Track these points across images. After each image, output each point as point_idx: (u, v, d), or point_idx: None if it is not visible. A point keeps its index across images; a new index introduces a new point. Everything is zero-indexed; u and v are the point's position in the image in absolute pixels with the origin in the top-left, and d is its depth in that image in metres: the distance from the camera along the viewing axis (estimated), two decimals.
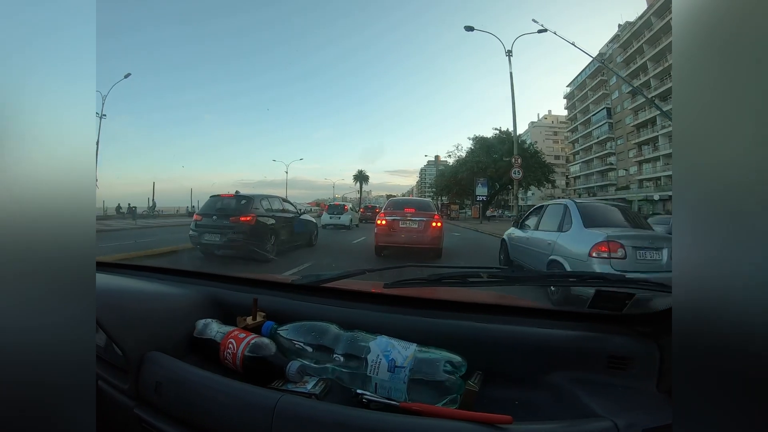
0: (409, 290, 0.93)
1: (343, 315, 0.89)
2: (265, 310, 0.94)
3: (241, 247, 6.78)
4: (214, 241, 6.99)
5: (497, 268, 0.99)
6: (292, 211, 8.84)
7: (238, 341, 0.80)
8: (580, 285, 0.91)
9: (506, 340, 0.80)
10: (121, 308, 0.81)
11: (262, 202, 7.75)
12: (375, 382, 0.71)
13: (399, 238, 7.00)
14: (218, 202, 7.67)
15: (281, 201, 8.74)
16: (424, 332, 0.81)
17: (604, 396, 0.69)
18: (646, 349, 0.75)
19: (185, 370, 0.75)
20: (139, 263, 1.33)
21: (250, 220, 7.15)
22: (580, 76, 55.79)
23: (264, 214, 7.56)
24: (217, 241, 6.97)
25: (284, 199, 9.15)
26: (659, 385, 0.72)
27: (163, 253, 7.44)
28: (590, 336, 0.80)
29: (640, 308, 0.80)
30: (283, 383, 0.74)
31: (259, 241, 7.11)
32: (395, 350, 0.72)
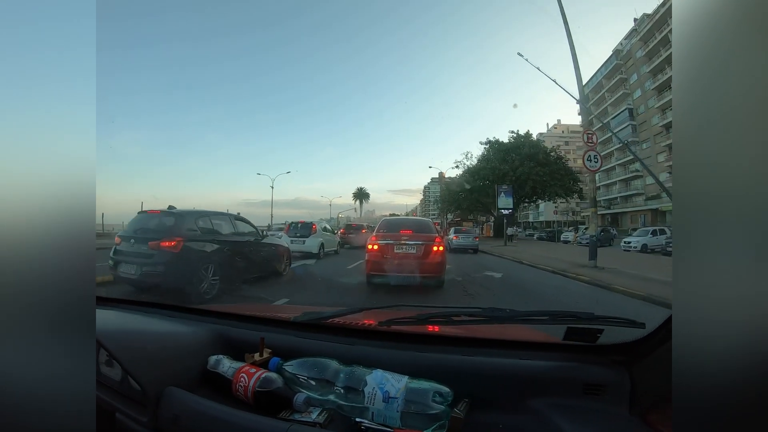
0: (402, 327, 1.03)
1: (342, 351, 0.99)
2: (270, 346, 1.06)
3: (162, 282, 5.11)
4: (129, 274, 5.30)
5: (478, 308, 1.07)
6: (247, 233, 7.08)
7: (250, 375, 0.91)
8: (552, 323, 0.98)
9: (490, 370, 0.91)
10: (137, 347, 0.92)
11: (198, 222, 5.99)
12: (372, 411, 0.82)
13: (393, 266, 6.04)
14: (140, 221, 5.90)
15: (231, 220, 6.92)
16: (415, 365, 0.92)
17: (579, 420, 0.79)
18: (618, 377, 0.85)
19: (201, 403, 0.85)
20: (152, 301, 1.42)
21: (174, 245, 5.35)
22: (595, 77, 52.58)
23: (198, 237, 5.81)
24: (132, 273, 5.28)
25: (237, 217, 7.34)
26: (631, 410, 0.82)
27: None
28: (566, 366, 0.90)
29: (612, 339, 0.90)
30: (290, 413, 0.84)
31: (188, 275, 5.32)
32: (389, 383, 0.84)
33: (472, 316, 1.05)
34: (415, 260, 6.12)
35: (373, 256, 6.32)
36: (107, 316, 1.14)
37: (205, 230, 6.03)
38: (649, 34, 41.04)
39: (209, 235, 6.03)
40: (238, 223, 7.08)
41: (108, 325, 0.99)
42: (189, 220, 5.84)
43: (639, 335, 0.84)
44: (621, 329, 0.90)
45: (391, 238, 6.37)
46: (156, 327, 1.11)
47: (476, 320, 1.04)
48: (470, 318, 1.05)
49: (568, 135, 66.13)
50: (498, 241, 27.10)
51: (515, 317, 1.05)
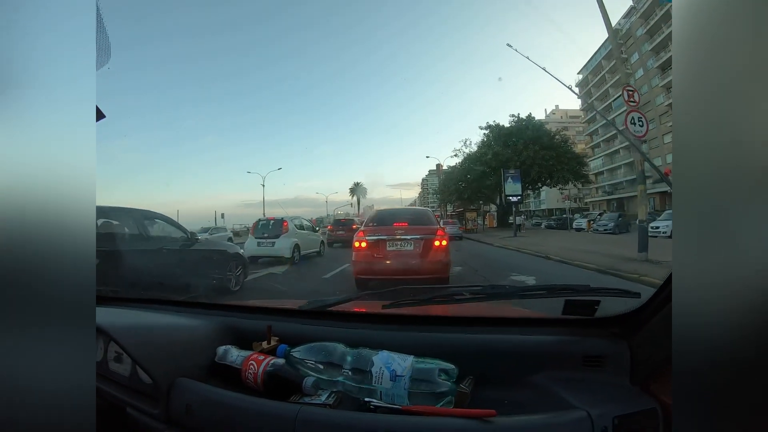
0: (405, 309, 1.05)
1: (347, 335, 1.02)
2: (277, 335, 1.08)
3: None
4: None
5: (479, 285, 1.11)
6: (167, 238, 5.29)
7: (258, 362, 0.94)
8: (549, 296, 1.01)
9: (493, 347, 0.94)
10: (148, 341, 0.95)
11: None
12: (380, 391, 0.84)
13: (387, 267, 5.06)
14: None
15: (138, 220, 4.89)
16: (420, 346, 0.94)
17: (581, 391, 0.82)
18: (617, 347, 0.88)
19: (212, 391, 0.88)
20: (159, 297, 1.44)
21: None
22: (594, 58, 50.91)
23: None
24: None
25: (150, 215, 5.25)
26: (632, 379, 0.84)
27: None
28: (566, 339, 0.93)
29: (609, 311, 0.92)
30: (300, 397, 0.86)
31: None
32: (395, 362, 0.86)
33: (473, 293, 1.07)
34: (412, 259, 5.11)
35: (360, 255, 5.27)
36: (114, 313, 1.16)
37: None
38: (649, 11, 39.60)
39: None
40: (155, 224, 5.36)
41: (117, 321, 1.01)
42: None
43: (635, 305, 0.86)
44: (620, 301, 0.92)
45: (382, 233, 5.32)
46: (164, 321, 1.14)
47: (477, 297, 1.06)
48: (471, 296, 1.07)
49: (567, 120, 64.29)
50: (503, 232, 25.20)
51: (514, 293, 1.09)
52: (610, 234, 21.43)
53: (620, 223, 23.33)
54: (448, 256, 5.33)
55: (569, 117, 66.39)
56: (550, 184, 34.13)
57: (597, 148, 54.06)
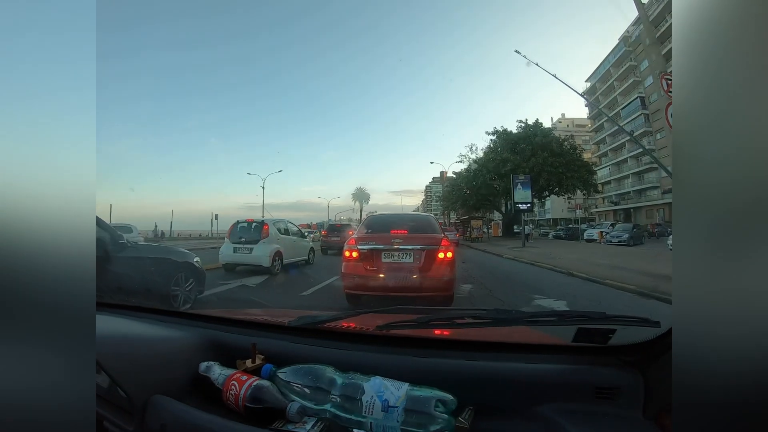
0: (401, 331, 0.99)
1: (338, 356, 0.95)
2: (264, 352, 1.01)
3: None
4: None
5: (482, 309, 1.04)
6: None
7: (240, 383, 0.87)
8: (561, 324, 0.96)
9: (495, 375, 0.86)
10: (124, 353, 0.88)
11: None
12: (370, 422, 0.77)
13: (381, 282, 4.31)
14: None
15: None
16: (416, 371, 0.87)
17: (591, 426, 0.75)
18: (632, 379, 0.81)
19: (189, 412, 0.82)
20: (140, 305, 1.37)
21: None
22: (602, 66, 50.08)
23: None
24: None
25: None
26: (645, 412, 0.77)
27: None
28: (577, 369, 0.86)
29: (624, 339, 0.86)
30: (283, 424, 0.80)
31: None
32: (388, 391, 0.79)
33: (476, 318, 1.02)
34: (411, 273, 4.35)
35: (351, 267, 4.52)
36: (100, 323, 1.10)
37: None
38: (659, 18, 38.62)
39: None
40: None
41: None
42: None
43: (653, 335, 0.80)
44: (634, 329, 0.86)
45: (377, 242, 4.54)
46: (144, 332, 1.06)
47: (480, 323, 1.01)
48: (473, 320, 1.01)
49: (573, 129, 63.19)
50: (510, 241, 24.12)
51: (521, 319, 1.02)
52: (624, 246, 20.49)
53: (635, 235, 22.37)
54: (453, 270, 4.50)
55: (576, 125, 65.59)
56: (558, 192, 33.15)
57: (604, 157, 52.97)
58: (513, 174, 25.71)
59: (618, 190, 50.21)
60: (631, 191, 47.87)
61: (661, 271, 8.33)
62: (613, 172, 51.42)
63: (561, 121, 68.85)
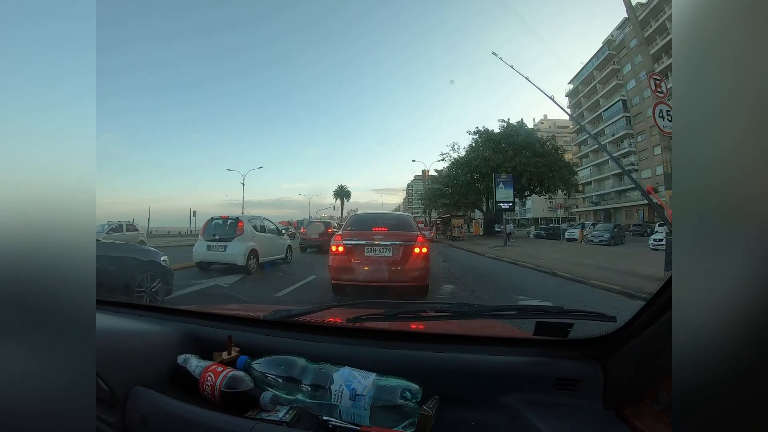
0: (370, 324, 1.03)
1: (310, 348, 0.98)
2: (239, 345, 1.04)
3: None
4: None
5: (446, 303, 1.07)
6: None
7: (216, 374, 0.90)
8: (520, 317, 1.01)
9: (460, 367, 0.90)
10: (105, 347, 0.89)
11: None
12: (340, 409, 0.81)
13: (364, 273, 5.04)
14: None
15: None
16: (384, 363, 0.91)
17: (553, 416, 0.79)
18: (591, 371, 0.84)
19: (168, 403, 0.84)
20: (119, 300, 1.39)
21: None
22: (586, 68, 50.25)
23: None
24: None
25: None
26: (605, 404, 0.81)
27: None
28: (539, 361, 0.89)
29: (585, 333, 0.90)
30: (257, 412, 0.83)
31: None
32: (356, 380, 0.82)
33: (441, 311, 1.05)
34: (390, 266, 5.03)
35: (337, 260, 5.21)
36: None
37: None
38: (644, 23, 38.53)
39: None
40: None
41: None
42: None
43: (610, 329, 0.83)
44: (594, 323, 0.89)
45: (360, 238, 5.27)
46: (123, 326, 1.08)
47: (445, 315, 1.04)
48: (439, 314, 1.05)
49: (555, 129, 63.97)
50: (492, 240, 23.94)
51: (483, 312, 1.05)
52: (605, 245, 20.51)
53: (615, 234, 22.43)
54: (428, 263, 5.30)
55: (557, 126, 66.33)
56: (539, 192, 33.18)
57: (585, 158, 53.56)
58: (495, 173, 25.97)
59: (599, 190, 50.93)
60: (611, 192, 48.59)
61: (639, 269, 8.50)
62: (593, 174, 52.10)
63: (543, 122, 69.67)
